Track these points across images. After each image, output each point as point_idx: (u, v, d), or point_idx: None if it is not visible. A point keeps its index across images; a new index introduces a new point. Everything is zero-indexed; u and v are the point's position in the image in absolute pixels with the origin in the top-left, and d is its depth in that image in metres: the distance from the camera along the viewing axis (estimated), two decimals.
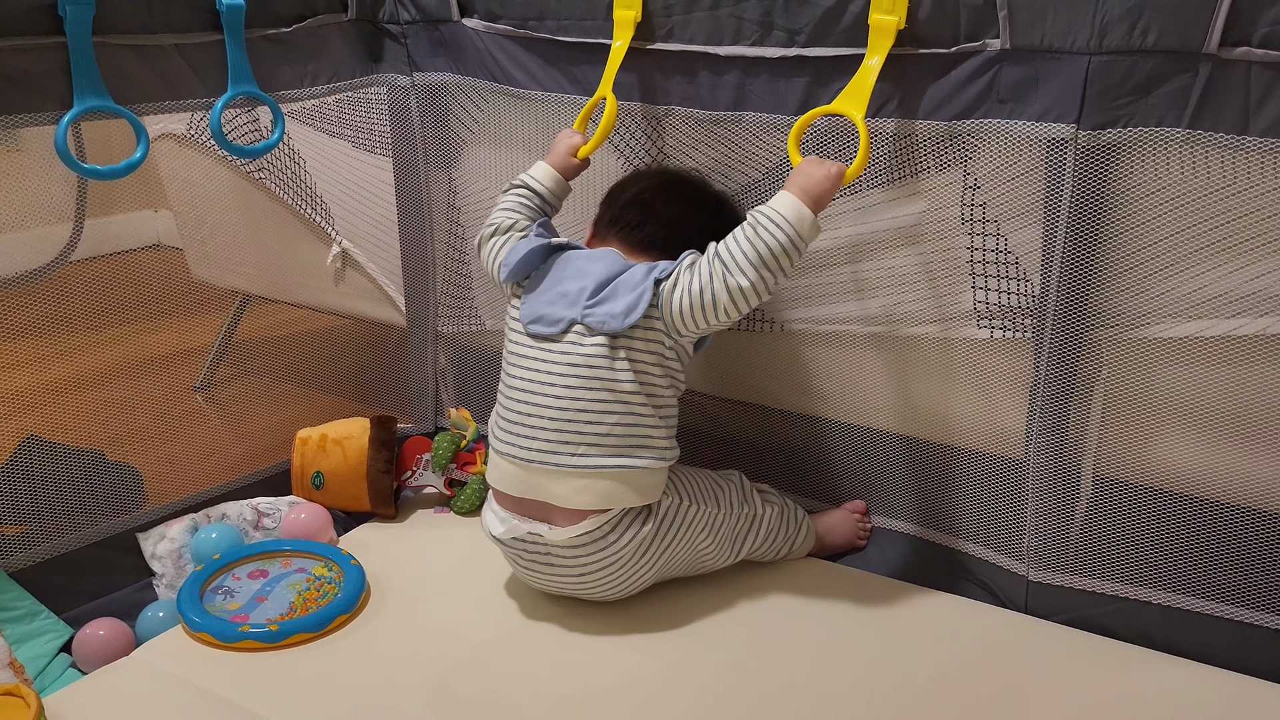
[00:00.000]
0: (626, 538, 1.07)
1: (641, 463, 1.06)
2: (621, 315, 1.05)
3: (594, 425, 1.05)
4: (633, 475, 1.06)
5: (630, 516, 1.07)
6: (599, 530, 1.06)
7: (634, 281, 1.07)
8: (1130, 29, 0.92)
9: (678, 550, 1.12)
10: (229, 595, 1.16)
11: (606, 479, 1.06)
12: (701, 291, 1.03)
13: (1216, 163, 0.93)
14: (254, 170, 1.62)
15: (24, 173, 1.23)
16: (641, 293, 1.05)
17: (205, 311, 1.81)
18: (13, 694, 0.95)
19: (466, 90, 1.36)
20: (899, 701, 1.00)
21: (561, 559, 1.09)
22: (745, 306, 1.03)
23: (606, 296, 1.07)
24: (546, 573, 1.11)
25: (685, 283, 1.04)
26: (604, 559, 1.08)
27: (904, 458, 1.21)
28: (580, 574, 1.09)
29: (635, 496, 1.07)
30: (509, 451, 1.09)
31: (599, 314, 1.06)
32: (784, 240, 1.01)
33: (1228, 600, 1.04)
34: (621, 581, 1.10)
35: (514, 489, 1.10)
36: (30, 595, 1.13)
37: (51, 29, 1.05)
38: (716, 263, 1.03)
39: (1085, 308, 1.02)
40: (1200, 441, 1.02)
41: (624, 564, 1.09)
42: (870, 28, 1.02)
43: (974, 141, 1.04)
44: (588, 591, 1.11)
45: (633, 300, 1.05)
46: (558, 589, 1.13)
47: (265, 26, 1.24)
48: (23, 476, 1.22)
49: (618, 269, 1.09)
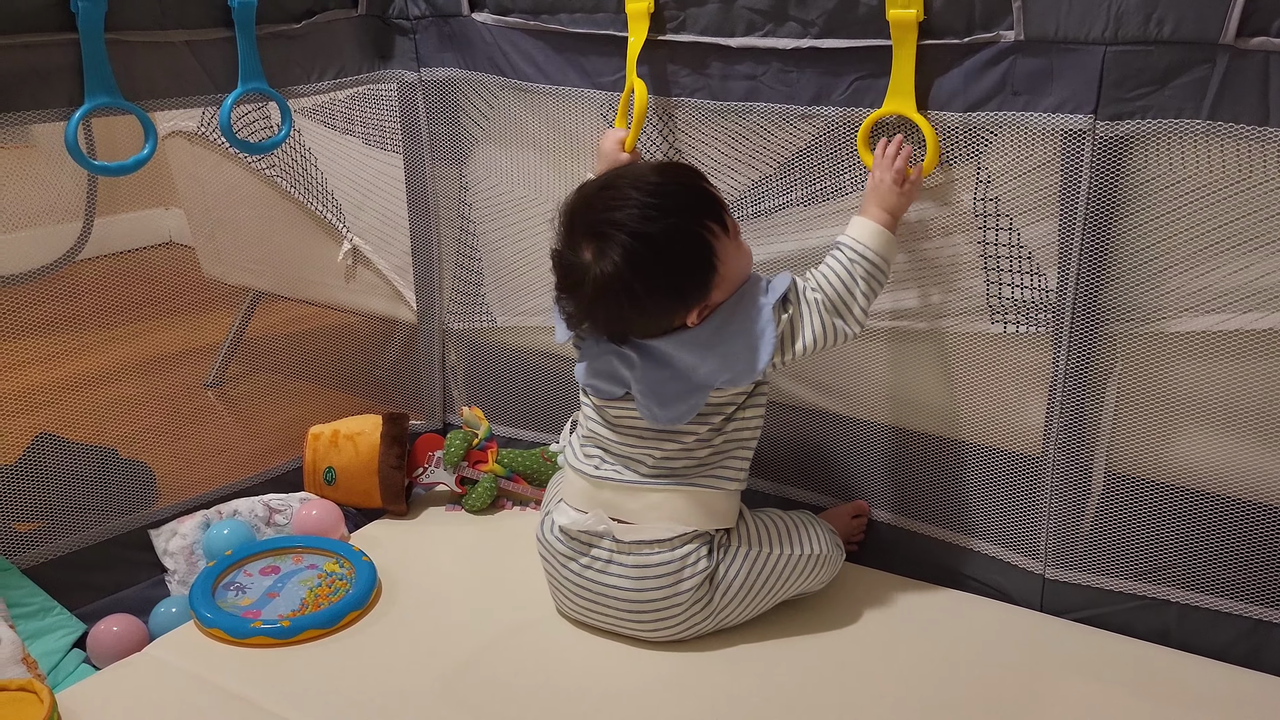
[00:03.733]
0: (691, 559, 1.03)
1: (715, 485, 1.04)
2: (667, 418, 1.01)
3: (664, 462, 1.04)
4: (705, 498, 1.04)
5: (700, 542, 1.04)
6: (675, 541, 1.03)
7: (685, 381, 1.00)
8: (1146, 19, 0.91)
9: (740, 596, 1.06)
10: (241, 591, 1.16)
11: (678, 500, 1.03)
12: (817, 344, 1.02)
13: (1234, 155, 0.92)
14: (265, 167, 1.62)
15: (35, 169, 1.23)
16: (694, 403, 1.00)
17: (216, 309, 1.82)
18: (26, 689, 0.95)
19: (475, 86, 1.36)
20: (913, 699, 1.00)
21: (622, 566, 1.04)
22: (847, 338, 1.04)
23: (649, 389, 1.01)
24: (598, 581, 1.05)
25: (800, 342, 1.01)
26: (665, 571, 1.03)
27: (917, 454, 1.20)
28: (636, 589, 1.03)
29: (707, 519, 1.04)
30: (580, 468, 1.08)
31: (644, 404, 1.02)
32: (878, 272, 1.03)
33: (1244, 599, 1.03)
34: (670, 616, 1.04)
35: (583, 503, 1.07)
36: (43, 591, 1.14)
37: (64, 25, 1.05)
38: (829, 317, 1.01)
39: (1103, 302, 1.01)
40: (1215, 437, 1.01)
41: (680, 593, 1.03)
42: (890, 24, 1.01)
43: (988, 134, 1.03)
44: (631, 617, 1.05)
45: (683, 409, 1.01)
46: (598, 611, 1.06)
47: (276, 23, 1.24)
48: (35, 474, 1.22)
49: (660, 357, 1.01)
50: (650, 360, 1.02)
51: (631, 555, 1.04)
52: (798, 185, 1.16)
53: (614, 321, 1.02)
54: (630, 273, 0.96)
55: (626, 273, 0.96)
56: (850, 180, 1.12)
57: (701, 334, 1.01)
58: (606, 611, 1.06)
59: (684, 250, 0.98)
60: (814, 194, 1.15)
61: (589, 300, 1.00)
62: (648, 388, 1.02)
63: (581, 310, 1.02)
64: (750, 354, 0.99)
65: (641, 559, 1.04)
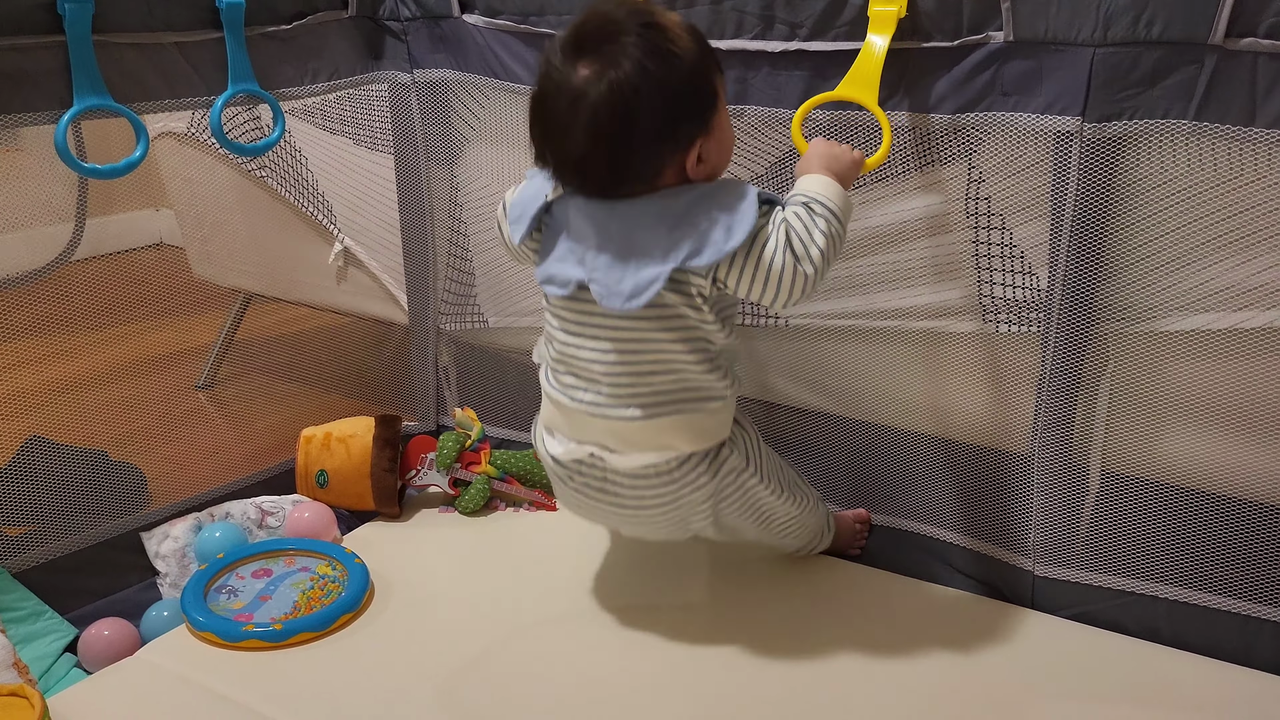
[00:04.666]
0: (689, 480, 1.01)
1: (699, 409, 1.00)
2: (625, 295, 0.94)
3: (639, 386, 0.99)
4: (691, 421, 1.00)
5: (694, 461, 1.01)
6: (664, 465, 1.01)
7: (650, 254, 0.94)
8: (1135, 20, 0.92)
9: (733, 511, 1.07)
10: (233, 594, 1.16)
11: (664, 429, 1.00)
12: (774, 268, 0.93)
13: (1223, 155, 0.93)
14: (256, 168, 1.62)
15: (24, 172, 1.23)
16: (655, 279, 0.93)
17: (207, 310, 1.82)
18: (17, 694, 0.95)
19: (467, 87, 1.36)
20: (905, 696, 1.00)
21: (619, 488, 1.03)
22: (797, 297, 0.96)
23: (614, 260, 0.95)
24: (599, 499, 1.05)
25: (751, 271, 0.94)
26: (664, 496, 1.02)
27: (909, 453, 1.21)
28: (636, 508, 1.04)
29: (696, 441, 1.01)
30: (559, 399, 1.03)
31: (601, 283, 0.95)
32: (837, 224, 0.95)
33: (1235, 595, 1.04)
34: (674, 523, 1.06)
35: (567, 432, 1.04)
36: (34, 595, 1.13)
37: (51, 27, 1.04)
38: (788, 254, 0.93)
39: (1092, 301, 1.02)
40: (1207, 435, 1.02)
41: (682, 506, 1.03)
42: (870, 19, 1.01)
43: (978, 135, 1.03)
44: (637, 526, 1.08)
45: (642, 282, 0.94)
46: (604, 518, 1.09)
47: (265, 24, 1.24)
48: (26, 477, 1.22)
49: (629, 224, 0.95)
50: (613, 233, 0.96)
51: (627, 478, 1.02)
52: (789, 187, 1.16)
53: (595, 159, 0.93)
54: (630, 96, 0.90)
55: (626, 95, 0.90)
56: None
57: (677, 204, 0.95)
58: (605, 515, 1.08)
59: (688, 84, 0.93)
60: None
61: (575, 129, 0.92)
62: (608, 261, 0.95)
63: (559, 144, 0.95)
64: (725, 232, 0.92)
65: (637, 482, 1.02)
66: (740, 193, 0.94)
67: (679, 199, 0.95)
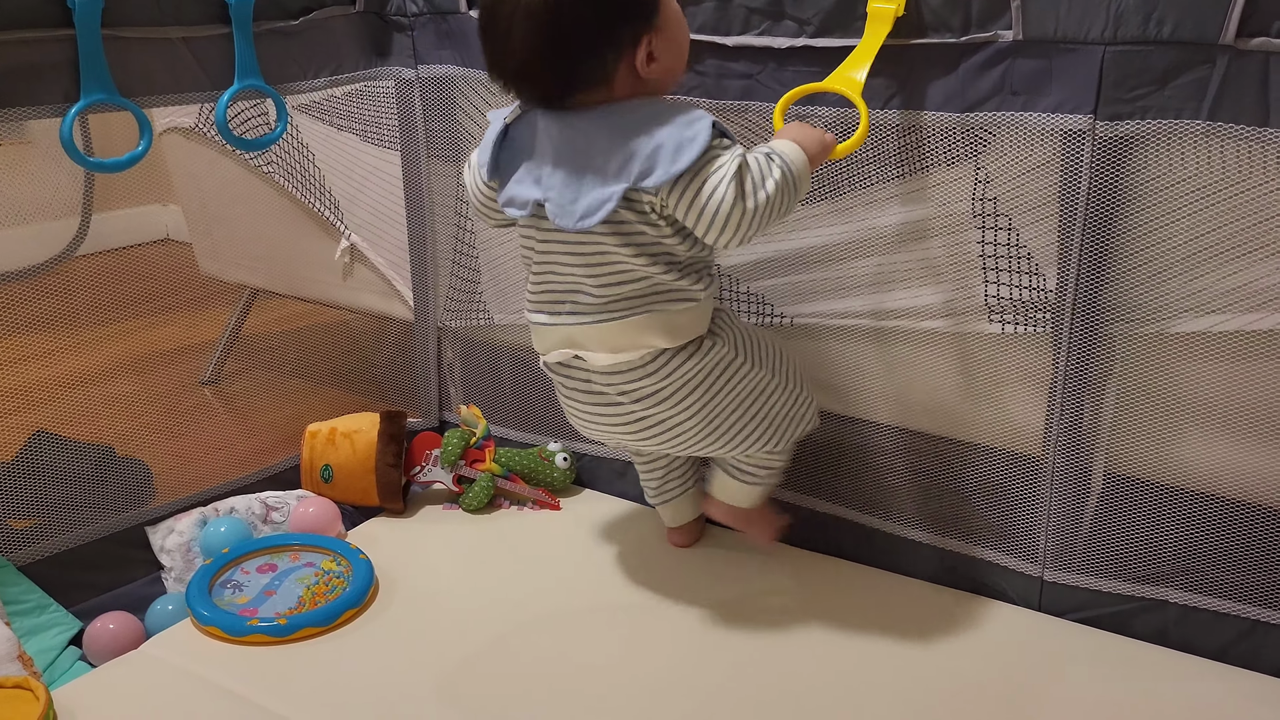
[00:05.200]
0: (668, 370, 1.01)
1: (668, 309, 1.00)
2: (577, 215, 0.95)
3: (607, 294, 0.99)
4: (662, 319, 1.00)
5: (670, 354, 1.01)
6: (639, 359, 1.01)
7: (603, 172, 0.94)
8: (1146, 19, 0.91)
9: (730, 405, 1.05)
10: (237, 589, 1.16)
11: (633, 327, 1.00)
12: (715, 196, 0.93)
13: (1234, 155, 0.92)
14: (262, 164, 1.62)
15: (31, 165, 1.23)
16: (607, 199, 0.94)
17: (213, 305, 1.82)
18: (22, 687, 0.95)
19: (472, 83, 1.35)
20: (910, 699, 1.00)
21: (602, 386, 1.03)
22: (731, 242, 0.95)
23: (568, 178, 0.96)
24: (589, 401, 1.06)
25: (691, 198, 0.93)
26: (644, 388, 1.02)
27: (914, 453, 1.20)
28: (621, 404, 1.04)
29: (668, 337, 1.00)
30: (539, 320, 1.05)
31: (555, 202, 0.97)
32: (790, 183, 0.95)
33: (1243, 599, 1.03)
34: (664, 421, 1.04)
35: (549, 344, 1.05)
36: (39, 589, 1.14)
37: (61, 21, 1.04)
38: (734, 184, 0.92)
39: (1102, 302, 1.01)
40: (1215, 438, 1.01)
41: (668, 401, 1.03)
42: (868, 15, 1.01)
43: (986, 135, 1.03)
44: (631, 429, 1.06)
45: (594, 202, 0.94)
46: (600, 425, 1.08)
47: (273, 20, 1.24)
48: (32, 471, 1.22)
49: (581, 141, 0.95)
50: (567, 149, 0.97)
51: (605, 375, 1.03)
52: None
53: (535, 63, 0.94)
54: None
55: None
56: (846, 180, 1.12)
57: (631, 119, 0.95)
58: (600, 425, 1.07)
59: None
60: (812, 193, 1.15)
61: (514, 34, 0.93)
62: (563, 178, 0.96)
63: (502, 52, 0.96)
64: (673, 153, 0.92)
65: (614, 379, 1.02)
66: (694, 116, 0.94)
67: (634, 114, 0.95)
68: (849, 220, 1.13)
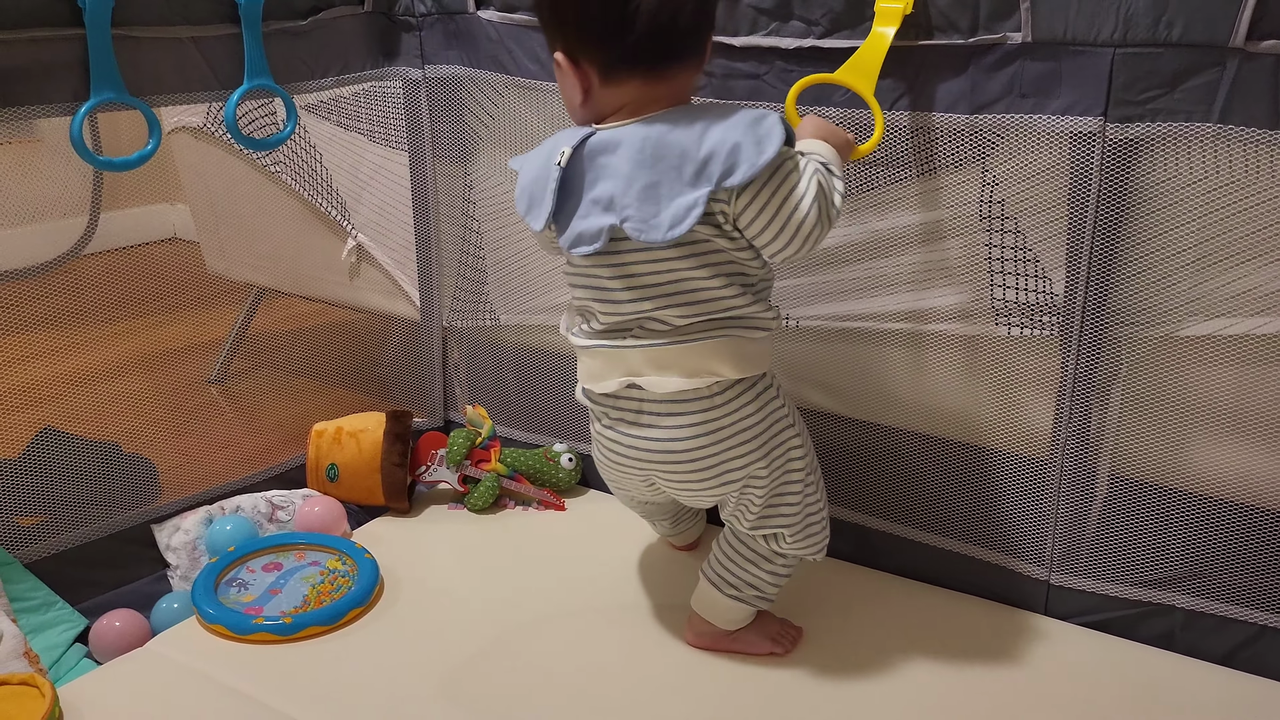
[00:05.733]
0: (729, 406, 0.97)
1: (739, 335, 0.96)
2: (664, 226, 0.91)
3: (680, 314, 0.96)
4: (731, 345, 0.96)
5: (736, 390, 0.97)
6: (705, 388, 0.96)
7: (682, 177, 0.91)
8: (1155, 22, 0.91)
9: (769, 455, 0.99)
10: (243, 588, 1.16)
11: (702, 352, 0.96)
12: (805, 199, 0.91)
13: (1244, 158, 0.92)
14: (270, 163, 1.62)
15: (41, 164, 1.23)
16: (694, 204, 0.90)
17: (220, 304, 1.82)
18: (28, 684, 0.96)
19: (479, 83, 1.36)
20: (916, 703, 1.00)
21: (654, 417, 0.98)
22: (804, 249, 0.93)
23: (645, 191, 0.92)
24: (633, 438, 1.00)
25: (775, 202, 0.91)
26: (700, 427, 0.97)
27: (920, 456, 1.20)
28: (669, 444, 0.98)
29: (737, 367, 0.96)
30: (595, 346, 1.00)
31: (636, 218, 0.92)
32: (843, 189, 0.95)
33: (1250, 604, 1.03)
34: (708, 471, 0.99)
35: (607, 372, 0.99)
36: (45, 586, 1.14)
37: (71, 20, 1.05)
38: (818, 202, 0.92)
39: (1110, 305, 1.01)
40: (1222, 442, 1.01)
41: (720, 445, 0.98)
42: (876, 13, 1.01)
43: (995, 136, 1.02)
44: (669, 474, 1.00)
45: (680, 210, 0.91)
46: (635, 473, 1.03)
47: (282, 19, 1.24)
48: (39, 468, 1.22)
49: (650, 152, 0.92)
50: (638, 158, 0.93)
51: (663, 404, 0.98)
52: None
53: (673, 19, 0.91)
54: None
55: None
56: (856, 182, 1.12)
57: (697, 123, 0.92)
58: (638, 460, 1.01)
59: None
60: None
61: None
62: (639, 193, 0.92)
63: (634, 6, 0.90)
64: (756, 148, 0.90)
65: (673, 407, 0.98)
66: (760, 114, 0.92)
67: (701, 117, 0.92)
68: (857, 223, 1.13)
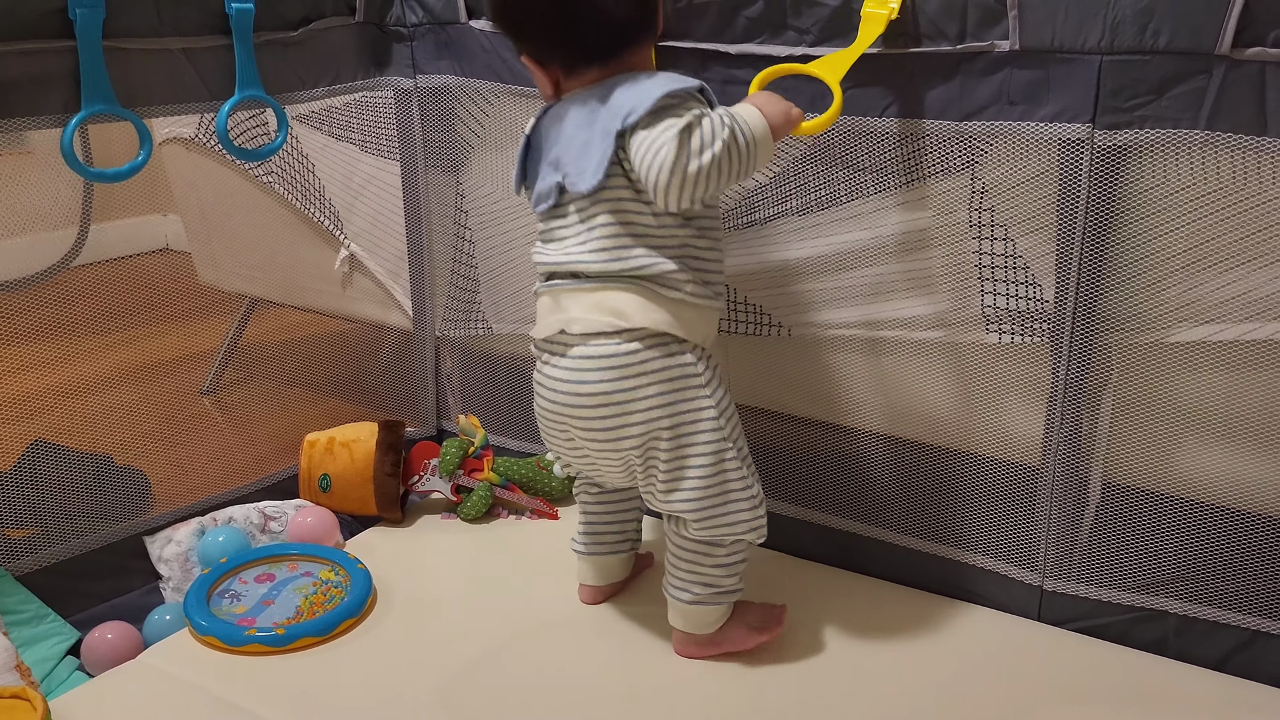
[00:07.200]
0: (637, 357, 0.97)
1: (654, 289, 0.98)
2: (588, 174, 0.97)
3: (596, 265, 0.99)
4: (635, 294, 0.98)
5: (643, 341, 0.98)
6: (615, 336, 0.98)
7: (607, 131, 0.97)
8: (1142, 29, 0.92)
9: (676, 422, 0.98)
10: (235, 599, 1.16)
11: (609, 299, 0.98)
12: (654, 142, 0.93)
13: (1232, 165, 0.92)
14: (262, 174, 1.62)
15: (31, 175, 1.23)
16: (607, 148, 0.96)
17: (212, 315, 1.82)
18: (19, 697, 0.95)
19: (470, 93, 1.36)
20: (911, 708, 1.00)
21: (574, 358, 0.99)
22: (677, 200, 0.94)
23: (580, 147, 0.99)
24: (553, 376, 1.01)
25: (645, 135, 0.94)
26: (609, 384, 0.98)
27: (912, 464, 1.20)
28: (581, 399, 0.99)
29: (646, 316, 0.97)
30: (537, 290, 1.05)
31: (572, 173, 1.00)
32: (746, 145, 0.95)
33: (1242, 609, 1.03)
34: (616, 435, 0.99)
35: (542, 319, 1.04)
36: (37, 598, 1.13)
37: (62, 32, 1.05)
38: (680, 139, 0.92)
39: (1100, 311, 1.01)
40: (1213, 447, 1.01)
41: (626, 407, 0.98)
42: (862, 18, 1.02)
43: (983, 144, 1.03)
44: (584, 433, 1.01)
45: (600, 158, 0.97)
46: (555, 412, 1.02)
47: (273, 30, 1.24)
48: (30, 480, 1.22)
49: (587, 114, 0.99)
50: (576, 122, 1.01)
51: (578, 348, 1.00)
52: (793, 194, 1.16)
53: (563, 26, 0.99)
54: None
55: None
56: (846, 189, 1.12)
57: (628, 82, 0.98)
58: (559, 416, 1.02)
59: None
60: (809, 203, 1.15)
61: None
62: (575, 150, 1.00)
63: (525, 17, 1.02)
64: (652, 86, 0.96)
65: (585, 370, 0.99)
66: (687, 78, 0.99)
67: (633, 81, 0.99)
68: (847, 230, 1.14)
